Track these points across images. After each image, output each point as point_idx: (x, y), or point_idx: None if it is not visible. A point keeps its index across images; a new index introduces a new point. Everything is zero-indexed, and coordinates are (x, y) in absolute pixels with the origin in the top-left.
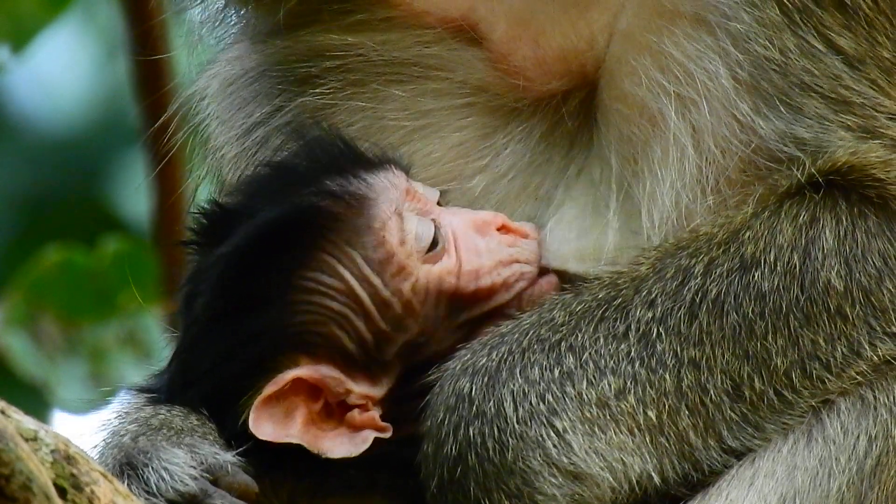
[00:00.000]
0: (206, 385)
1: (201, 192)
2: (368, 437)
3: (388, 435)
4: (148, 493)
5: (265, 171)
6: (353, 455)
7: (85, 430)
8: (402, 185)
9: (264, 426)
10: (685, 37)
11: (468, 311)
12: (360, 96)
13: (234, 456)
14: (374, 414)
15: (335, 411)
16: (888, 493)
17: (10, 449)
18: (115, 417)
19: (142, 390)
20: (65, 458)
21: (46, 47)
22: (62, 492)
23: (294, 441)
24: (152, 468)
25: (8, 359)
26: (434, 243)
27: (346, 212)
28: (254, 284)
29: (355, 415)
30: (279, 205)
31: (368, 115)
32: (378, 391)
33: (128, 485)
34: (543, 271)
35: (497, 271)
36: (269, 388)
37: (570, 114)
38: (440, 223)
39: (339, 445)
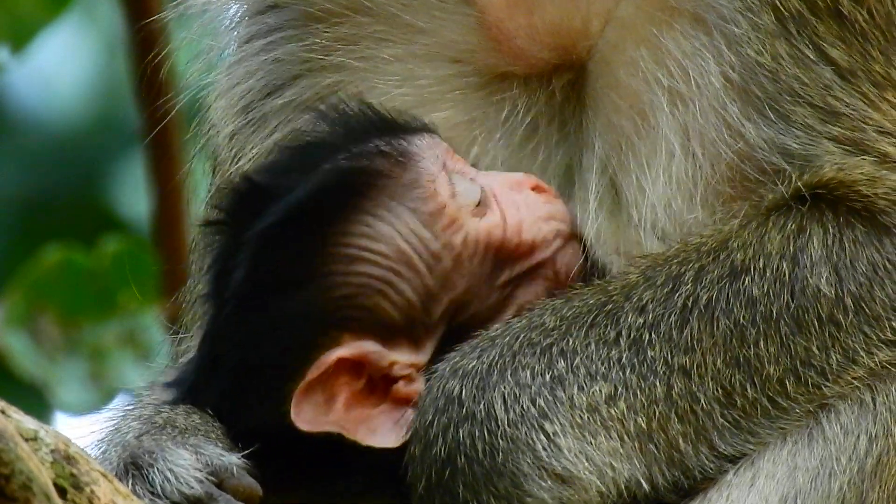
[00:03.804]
0: (238, 370)
1: (197, 175)
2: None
3: None
4: (152, 493)
5: (292, 149)
6: (395, 446)
7: (86, 429)
8: (440, 143)
9: (305, 414)
10: (683, 34)
11: (510, 269)
12: (355, 70)
13: (239, 458)
14: (420, 385)
15: (379, 386)
16: (889, 492)
17: (10, 449)
18: (118, 415)
19: (162, 385)
20: (65, 458)
21: (46, 46)
22: (62, 492)
23: (333, 429)
24: (157, 469)
25: (8, 359)
26: (478, 199)
27: (393, 168)
28: (292, 260)
29: (401, 387)
30: (315, 174)
31: (364, 95)
32: (423, 357)
33: (132, 485)
34: (572, 235)
35: (537, 226)
36: (312, 373)
37: (560, 93)
38: (479, 181)
39: (382, 428)
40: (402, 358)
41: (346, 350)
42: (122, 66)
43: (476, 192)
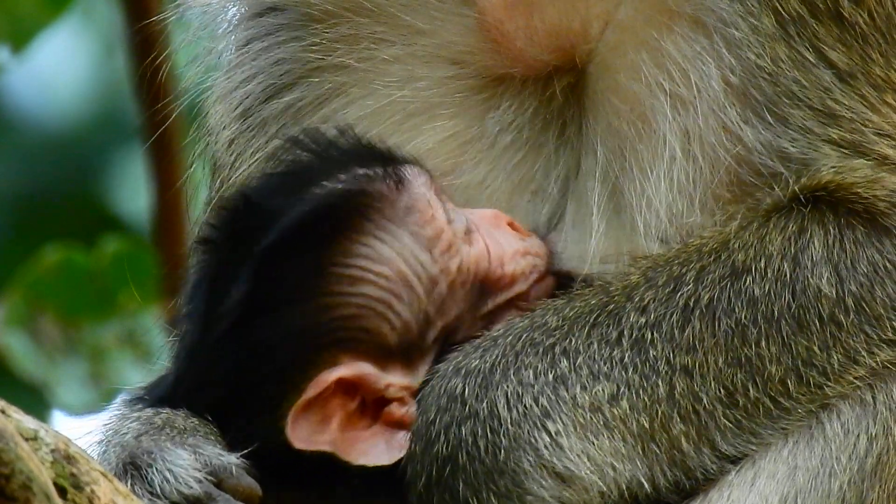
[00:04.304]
0: (226, 387)
1: (197, 176)
2: (405, 441)
3: None
4: (151, 493)
5: (284, 170)
6: (388, 463)
7: (85, 429)
8: (426, 171)
9: (300, 433)
10: (683, 37)
11: (493, 299)
12: (354, 71)
13: (238, 458)
14: (412, 408)
15: (370, 408)
16: (889, 491)
17: (10, 448)
18: (117, 415)
19: (138, 399)
20: (65, 458)
21: (44, 45)
22: (62, 491)
23: (327, 448)
24: (156, 469)
25: (8, 359)
26: (467, 227)
27: (391, 192)
28: (294, 278)
29: (394, 409)
30: (313, 195)
31: (363, 106)
32: (415, 381)
33: (131, 485)
34: (548, 270)
35: (516, 260)
36: (310, 392)
37: (560, 95)
38: (460, 212)
39: (374, 449)
40: (396, 380)
41: (346, 370)
42: (121, 66)
43: (464, 220)
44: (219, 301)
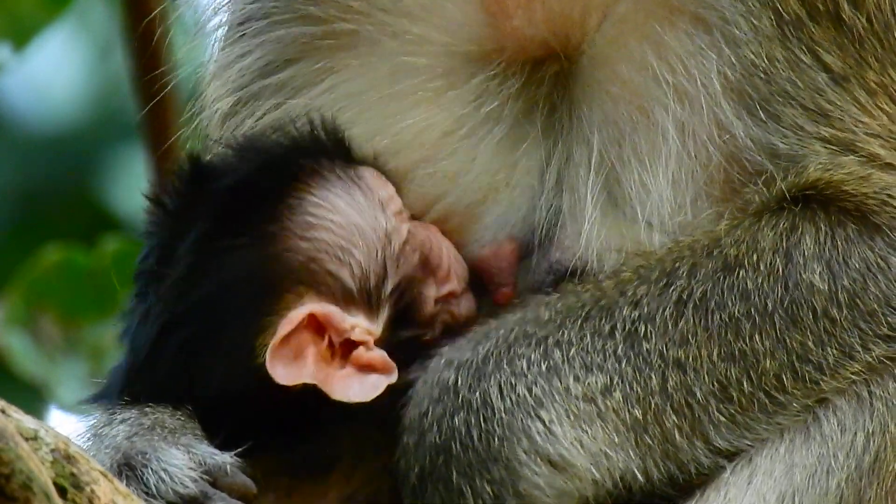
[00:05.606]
0: (198, 329)
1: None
2: (379, 383)
3: (394, 379)
4: (147, 494)
5: (242, 143)
6: (367, 400)
7: (75, 431)
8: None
9: (280, 368)
10: (685, 32)
11: (435, 287)
12: (348, 60)
13: (232, 456)
14: (377, 354)
15: (338, 351)
16: (887, 488)
17: (11, 448)
18: (104, 417)
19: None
20: (65, 458)
21: (41, 46)
22: (62, 491)
23: (310, 381)
24: (151, 469)
25: (8, 358)
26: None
27: (345, 161)
28: (249, 222)
29: (362, 352)
30: (269, 151)
31: (353, 86)
32: (377, 328)
33: (126, 485)
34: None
35: (452, 258)
36: (285, 328)
37: (548, 81)
38: None
39: (352, 387)
40: (360, 323)
41: (315, 306)
42: (118, 65)
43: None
44: (173, 249)
